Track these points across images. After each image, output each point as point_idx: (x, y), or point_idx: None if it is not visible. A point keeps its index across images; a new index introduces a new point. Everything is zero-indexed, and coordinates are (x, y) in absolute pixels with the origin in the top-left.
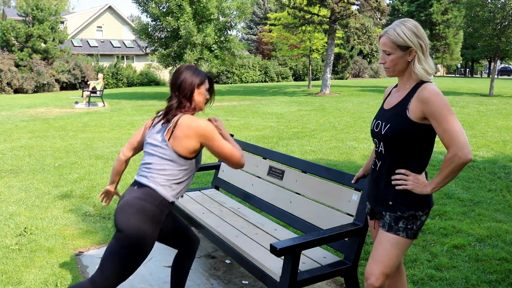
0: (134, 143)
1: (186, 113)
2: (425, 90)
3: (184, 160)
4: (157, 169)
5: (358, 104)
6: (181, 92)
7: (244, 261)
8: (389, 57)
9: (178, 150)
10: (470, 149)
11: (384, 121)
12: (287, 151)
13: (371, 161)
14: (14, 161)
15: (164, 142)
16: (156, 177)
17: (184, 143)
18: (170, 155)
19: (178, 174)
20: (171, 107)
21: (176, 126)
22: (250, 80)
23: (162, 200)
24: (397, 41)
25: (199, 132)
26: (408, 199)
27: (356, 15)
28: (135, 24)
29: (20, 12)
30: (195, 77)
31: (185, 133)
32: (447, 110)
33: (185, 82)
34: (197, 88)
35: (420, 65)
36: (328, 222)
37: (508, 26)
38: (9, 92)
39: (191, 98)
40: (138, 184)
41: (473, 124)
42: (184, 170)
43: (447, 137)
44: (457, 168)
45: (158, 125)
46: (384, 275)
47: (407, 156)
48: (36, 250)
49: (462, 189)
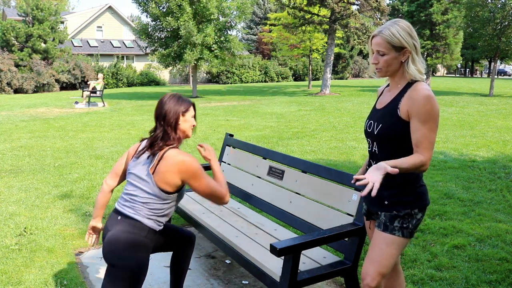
0: (118, 172)
1: (172, 146)
2: (416, 89)
3: (166, 195)
4: (141, 202)
5: (358, 104)
6: (166, 121)
7: (244, 261)
8: (382, 57)
9: (161, 185)
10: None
11: (376, 121)
12: (287, 151)
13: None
14: (14, 161)
15: (149, 176)
16: (141, 210)
17: (166, 178)
18: (154, 190)
19: (161, 207)
20: (156, 137)
21: (161, 160)
22: (250, 80)
23: (149, 230)
24: (392, 41)
25: (182, 169)
26: (403, 198)
27: (356, 15)
28: (135, 24)
29: (20, 12)
30: (179, 105)
31: (168, 169)
32: (433, 117)
33: (169, 111)
34: (182, 115)
35: (414, 66)
36: (328, 222)
37: (508, 26)
38: (9, 92)
39: (176, 127)
40: (122, 214)
41: (473, 124)
42: (167, 204)
43: (423, 144)
44: (415, 170)
45: (143, 156)
46: (380, 275)
47: (400, 156)
48: (36, 250)
49: (462, 189)
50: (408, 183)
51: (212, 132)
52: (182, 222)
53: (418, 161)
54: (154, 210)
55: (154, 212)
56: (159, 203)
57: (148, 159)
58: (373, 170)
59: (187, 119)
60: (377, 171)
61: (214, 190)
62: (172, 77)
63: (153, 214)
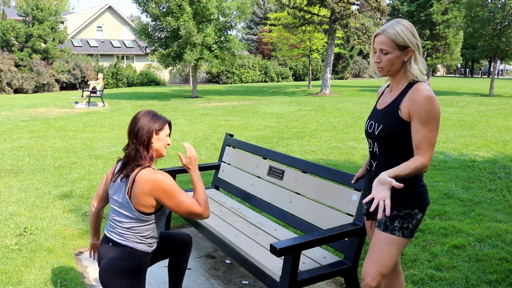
0: (101, 194)
1: (144, 165)
2: (417, 90)
3: (146, 217)
4: (126, 227)
5: (358, 104)
6: (138, 140)
7: (244, 261)
8: (386, 56)
9: (139, 208)
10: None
11: (377, 122)
12: (287, 151)
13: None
14: (14, 161)
15: (126, 201)
16: (130, 236)
17: (141, 200)
18: (133, 214)
19: (147, 230)
20: (128, 156)
21: (134, 183)
22: (250, 80)
23: (142, 254)
24: (396, 40)
25: (154, 188)
26: (404, 198)
27: (356, 15)
28: (135, 24)
29: (20, 12)
30: (152, 123)
31: (142, 190)
32: (434, 118)
33: (142, 129)
34: (155, 134)
35: (416, 65)
36: (328, 222)
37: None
38: (9, 92)
39: (148, 146)
40: (112, 241)
41: (473, 124)
42: (151, 224)
43: (423, 144)
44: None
45: (118, 180)
46: (380, 275)
47: (401, 156)
48: (36, 250)
49: (462, 189)
50: (408, 183)
51: (212, 132)
52: (182, 222)
53: (419, 164)
54: (140, 234)
55: (141, 235)
56: (143, 226)
57: (122, 181)
58: (378, 186)
59: (161, 137)
60: (382, 186)
61: (190, 208)
62: (172, 77)
63: (141, 238)
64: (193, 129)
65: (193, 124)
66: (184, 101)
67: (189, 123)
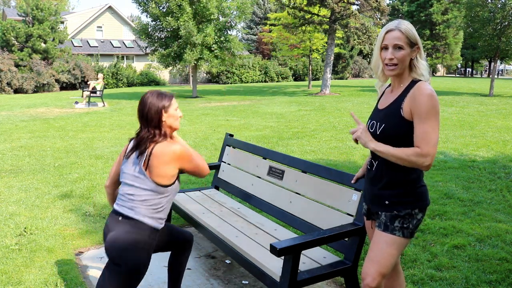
0: (114, 176)
1: (158, 142)
2: (419, 88)
3: (163, 188)
4: (139, 200)
5: (358, 104)
6: (149, 122)
7: (244, 261)
8: (400, 52)
9: (157, 179)
10: (433, 160)
11: (378, 121)
12: (287, 151)
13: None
14: (14, 161)
15: (142, 173)
16: (141, 209)
17: (160, 171)
18: (150, 185)
19: (159, 203)
20: (142, 138)
21: (151, 157)
22: (250, 80)
23: (151, 230)
24: (409, 35)
25: (175, 157)
26: (404, 198)
27: (356, 15)
28: (135, 24)
29: (20, 12)
30: (159, 101)
31: (162, 161)
32: (434, 115)
33: (150, 110)
34: (165, 112)
35: (423, 61)
36: (328, 222)
37: (508, 26)
38: (9, 92)
39: (160, 125)
40: (122, 215)
41: (473, 124)
42: (165, 197)
43: (424, 140)
44: (411, 164)
45: (132, 157)
46: (380, 275)
47: None
48: (36, 250)
49: (462, 189)
50: (408, 183)
51: (212, 132)
52: (182, 222)
53: (412, 151)
54: (153, 206)
55: (153, 208)
56: (157, 198)
57: (138, 158)
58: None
59: (171, 113)
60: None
61: (203, 165)
62: (172, 77)
63: (152, 212)
64: (193, 129)
65: (193, 124)
66: (184, 101)
67: (189, 123)
